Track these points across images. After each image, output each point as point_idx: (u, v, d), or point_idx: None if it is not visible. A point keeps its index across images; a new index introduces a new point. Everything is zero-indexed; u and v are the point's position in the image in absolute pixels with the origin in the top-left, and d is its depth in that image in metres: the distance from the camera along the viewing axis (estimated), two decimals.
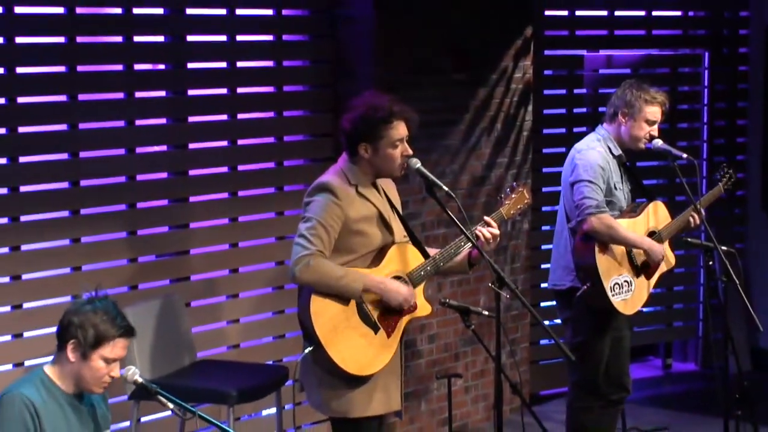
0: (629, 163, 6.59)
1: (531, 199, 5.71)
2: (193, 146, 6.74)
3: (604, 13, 8.82)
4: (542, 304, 8.45)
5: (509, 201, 5.57)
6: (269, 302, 7.10)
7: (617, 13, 8.87)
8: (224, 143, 6.89)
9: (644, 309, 6.62)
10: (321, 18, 7.27)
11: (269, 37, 7.08)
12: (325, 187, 5.19)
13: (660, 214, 6.57)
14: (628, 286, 6.38)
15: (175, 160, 6.67)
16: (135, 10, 6.42)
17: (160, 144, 6.62)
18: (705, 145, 9.39)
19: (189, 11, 6.67)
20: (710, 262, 6.35)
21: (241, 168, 6.95)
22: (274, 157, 7.12)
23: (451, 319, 7.66)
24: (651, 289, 6.54)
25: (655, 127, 6.42)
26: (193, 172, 6.75)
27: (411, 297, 5.22)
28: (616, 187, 6.40)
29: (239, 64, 6.92)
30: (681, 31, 9.23)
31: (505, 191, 5.66)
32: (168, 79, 6.63)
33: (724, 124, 9.46)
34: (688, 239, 6.52)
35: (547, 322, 5.60)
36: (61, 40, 6.18)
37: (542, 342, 8.51)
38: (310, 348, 5.14)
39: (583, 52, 8.77)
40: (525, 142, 8.19)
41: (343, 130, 5.26)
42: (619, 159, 6.45)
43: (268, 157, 7.10)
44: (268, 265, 7.07)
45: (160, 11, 6.57)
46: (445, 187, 5.17)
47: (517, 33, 8.06)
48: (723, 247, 6.29)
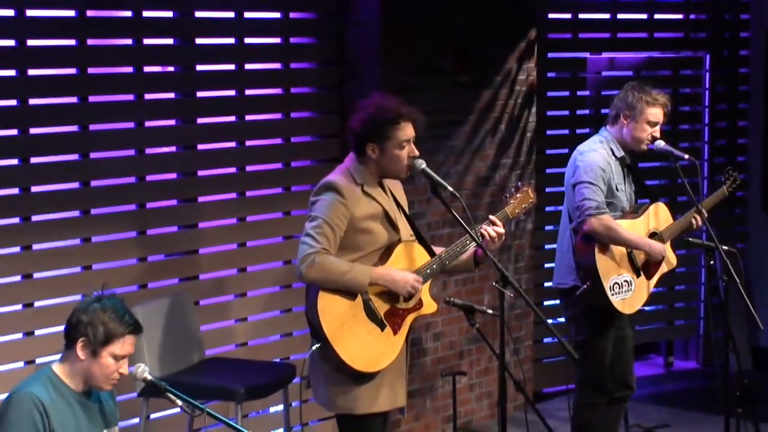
0: (632, 164, 6.58)
1: (536, 199, 5.70)
2: (201, 147, 6.74)
3: (607, 16, 8.82)
4: (545, 303, 8.45)
5: (514, 200, 5.57)
6: (277, 301, 7.09)
7: (620, 16, 8.86)
8: (232, 144, 6.89)
9: (646, 308, 6.61)
10: (327, 21, 7.26)
11: (276, 40, 7.08)
12: (330, 187, 5.19)
13: (661, 215, 6.55)
14: (628, 286, 6.37)
15: (184, 161, 6.67)
16: (145, 13, 6.42)
17: (169, 145, 6.62)
18: (706, 146, 9.38)
19: (198, 14, 6.66)
20: (711, 262, 6.34)
21: (249, 168, 6.94)
22: (281, 158, 7.12)
23: (456, 318, 7.65)
24: (651, 289, 6.53)
25: (657, 128, 6.41)
26: (201, 173, 6.74)
27: (417, 283, 5.21)
28: (617, 189, 6.39)
29: (247, 67, 6.92)
30: (682, 33, 9.22)
31: (510, 191, 5.65)
32: (177, 81, 6.63)
33: (724, 126, 9.46)
34: (690, 239, 6.50)
35: (550, 321, 5.57)
36: (72, 42, 6.17)
37: (546, 340, 8.51)
38: (318, 345, 5.14)
39: (586, 55, 8.76)
40: (528, 143, 8.18)
41: (352, 131, 5.26)
42: (622, 160, 6.43)
43: (275, 158, 7.10)
44: (276, 264, 7.06)
45: (170, 14, 6.56)
46: (450, 188, 5.17)
47: (520, 36, 8.06)
48: (724, 247, 6.28)
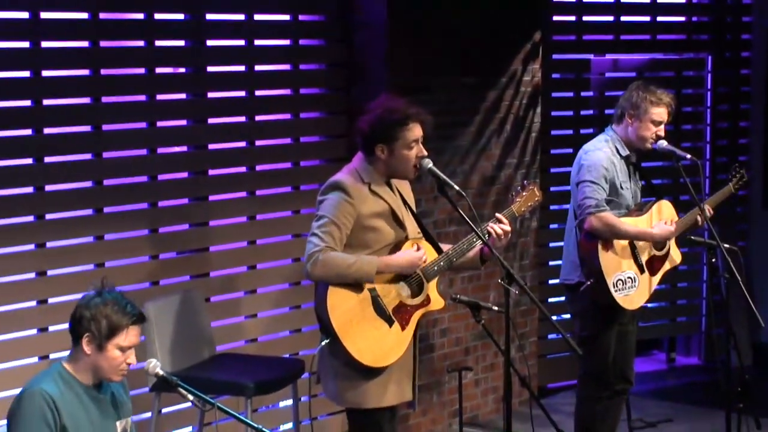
0: (638, 163, 6.56)
1: (542, 197, 5.69)
2: (212, 147, 6.74)
3: (611, 19, 8.80)
4: (550, 300, 8.44)
5: (520, 198, 5.56)
6: (286, 297, 7.09)
7: (623, 19, 8.85)
8: (243, 144, 6.88)
9: (649, 305, 6.60)
10: (335, 24, 7.26)
11: (286, 42, 7.07)
12: (337, 186, 5.18)
13: (665, 212, 6.54)
14: (632, 282, 6.35)
15: (195, 161, 6.67)
16: (156, 16, 6.42)
17: (180, 145, 6.62)
18: (708, 146, 9.37)
19: (209, 16, 6.66)
20: (713, 260, 6.33)
21: (258, 168, 6.94)
22: (290, 158, 7.11)
23: (462, 315, 7.64)
24: (656, 286, 6.51)
25: (662, 127, 6.39)
26: (212, 172, 6.74)
27: (419, 258, 5.20)
28: (622, 187, 6.38)
29: (257, 68, 6.91)
30: (685, 35, 9.21)
31: (516, 189, 5.65)
32: (188, 82, 6.63)
33: (726, 126, 9.44)
34: (692, 237, 6.50)
35: (554, 318, 5.59)
36: (85, 44, 6.17)
37: (550, 336, 8.50)
38: (327, 340, 5.14)
39: (590, 56, 8.75)
40: (533, 143, 8.17)
41: (360, 132, 5.25)
42: (627, 159, 6.43)
43: (284, 158, 7.09)
44: (285, 261, 7.06)
45: (181, 16, 6.56)
46: (456, 187, 5.16)
47: (526, 38, 8.05)
48: (726, 245, 6.27)
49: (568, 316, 8.11)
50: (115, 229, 6.31)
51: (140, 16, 6.38)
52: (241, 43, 6.84)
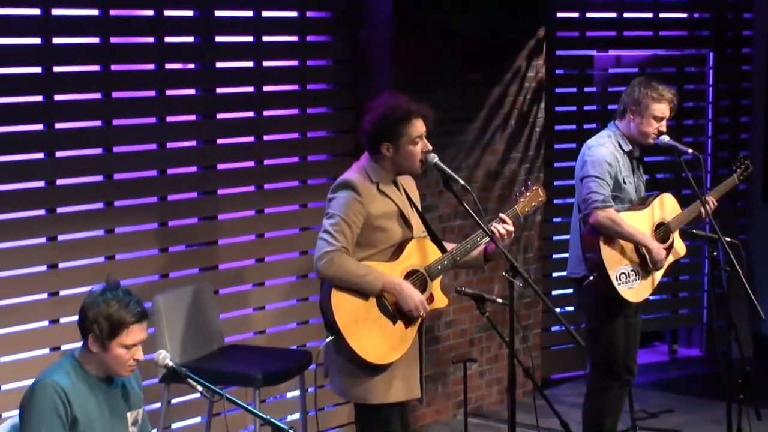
0: (641, 157, 6.55)
1: (545, 197, 5.66)
2: (221, 142, 6.73)
3: (614, 15, 8.79)
4: (554, 293, 8.44)
5: (524, 199, 5.53)
6: (294, 290, 7.09)
7: (626, 15, 8.83)
8: (251, 139, 6.87)
9: (651, 297, 6.58)
10: (342, 21, 7.24)
11: (294, 38, 7.06)
12: (347, 185, 5.16)
13: (667, 205, 6.52)
14: (636, 275, 6.34)
15: (204, 155, 6.66)
16: (166, 12, 6.42)
17: (190, 139, 6.61)
18: (709, 141, 9.36)
19: (218, 13, 6.65)
20: (714, 253, 6.31)
21: (266, 162, 6.94)
22: (298, 152, 7.11)
23: (467, 307, 7.64)
24: (660, 278, 6.50)
25: (664, 123, 6.37)
26: (221, 167, 6.73)
27: (422, 306, 5.16)
28: (625, 182, 6.36)
29: (265, 64, 6.90)
30: (687, 32, 9.19)
31: (520, 189, 5.61)
32: (197, 78, 6.62)
33: (727, 121, 9.43)
34: (694, 231, 6.48)
35: (558, 310, 5.56)
36: (96, 40, 6.17)
37: (554, 328, 8.49)
38: (331, 337, 5.13)
39: (593, 52, 8.73)
40: (537, 138, 8.16)
41: (365, 132, 5.22)
42: (630, 154, 6.41)
43: (292, 152, 7.08)
44: (293, 254, 7.06)
45: (190, 13, 6.56)
46: (462, 181, 5.14)
47: (530, 34, 8.03)
48: (727, 239, 6.25)
49: (571, 309, 8.12)
50: (125, 223, 6.31)
51: (150, 13, 6.37)
52: (250, 39, 6.83)
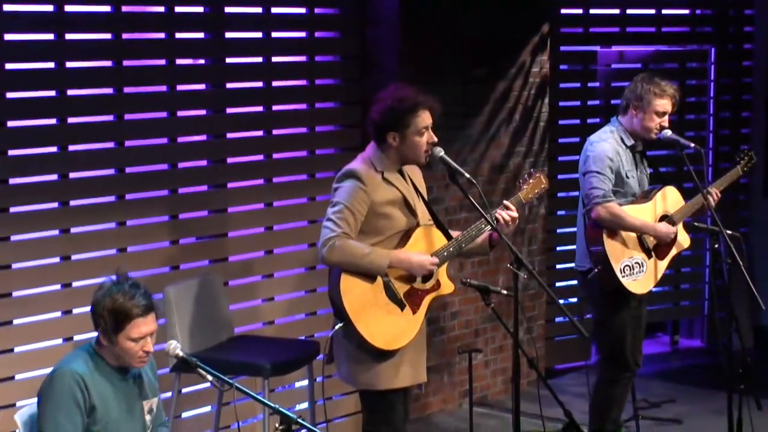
0: (642, 152, 6.54)
1: (548, 184, 5.67)
2: (230, 136, 6.73)
3: (617, 12, 8.77)
4: (558, 284, 8.43)
5: (527, 186, 5.54)
6: (302, 281, 7.08)
7: (629, 11, 8.82)
8: (260, 133, 6.87)
9: (653, 289, 6.57)
10: (350, 17, 7.23)
11: (302, 34, 7.05)
12: (352, 174, 5.17)
13: (670, 198, 6.51)
14: (640, 268, 6.33)
15: (214, 149, 6.66)
16: (177, 9, 6.41)
17: (200, 134, 6.60)
18: (711, 135, 9.35)
19: (227, 9, 6.64)
20: (716, 246, 6.30)
21: (275, 156, 6.93)
22: (306, 146, 7.10)
23: (472, 298, 7.63)
24: (664, 270, 6.48)
25: (666, 118, 6.36)
26: (230, 160, 6.73)
27: (432, 264, 5.17)
28: (627, 176, 6.35)
29: (274, 59, 6.89)
30: (689, 28, 9.17)
31: (523, 177, 5.62)
32: (207, 73, 6.61)
33: (728, 116, 9.42)
34: (695, 223, 6.47)
35: (561, 301, 5.57)
36: (108, 36, 6.16)
37: (557, 319, 8.48)
38: (341, 324, 5.13)
39: (597, 48, 8.72)
40: (542, 132, 8.16)
41: (372, 121, 5.23)
42: (633, 148, 6.40)
43: (300, 146, 7.08)
44: (301, 246, 7.05)
45: (200, 9, 6.55)
46: (467, 175, 5.15)
47: (534, 30, 8.02)
48: (728, 231, 6.23)
49: (575, 300, 8.13)
50: (136, 216, 6.31)
51: (161, 9, 6.36)
52: (259, 35, 6.82)
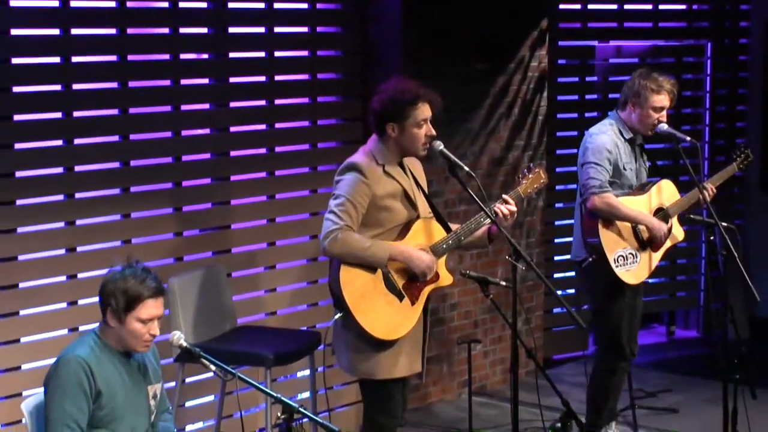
0: (641, 145, 6.53)
1: (547, 179, 5.66)
2: (234, 129, 6.73)
3: (614, 7, 8.77)
4: (556, 276, 8.43)
5: (526, 180, 5.53)
6: (304, 273, 7.09)
7: (626, 7, 8.82)
8: (263, 127, 6.87)
9: (650, 280, 6.57)
10: (352, 12, 7.23)
11: (304, 29, 7.05)
12: (353, 167, 5.17)
13: (666, 191, 6.51)
14: (633, 258, 6.34)
15: (218, 143, 6.66)
16: (181, 4, 6.41)
17: (203, 127, 6.61)
18: (707, 129, 9.34)
19: (231, 5, 6.65)
20: (711, 237, 6.29)
21: (278, 149, 6.93)
22: (308, 140, 7.10)
23: (472, 289, 7.64)
24: (658, 262, 6.49)
25: (663, 113, 6.36)
26: (234, 153, 6.73)
27: (433, 265, 5.19)
28: (625, 168, 6.36)
29: (277, 54, 6.90)
30: (685, 23, 9.17)
31: (522, 171, 5.62)
32: (211, 68, 6.61)
33: (725, 110, 9.41)
34: (691, 216, 6.47)
35: (559, 292, 5.55)
36: (113, 31, 6.16)
37: (555, 310, 8.48)
38: (340, 314, 5.13)
39: (595, 43, 8.72)
40: (540, 126, 8.16)
41: (373, 111, 5.23)
42: (632, 141, 6.41)
43: (303, 140, 7.08)
44: (303, 238, 7.06)
45: (204, 5, 6.55)
46: (466, 168, 5.14)
47: (533, 25, 8.02)
48: (723, 224, 6.23)
49: (572, 291, 8.13)
50: (141, 208, 6.31)
51: (165, 5, 6.36)
52: (262, 30, 6.82)
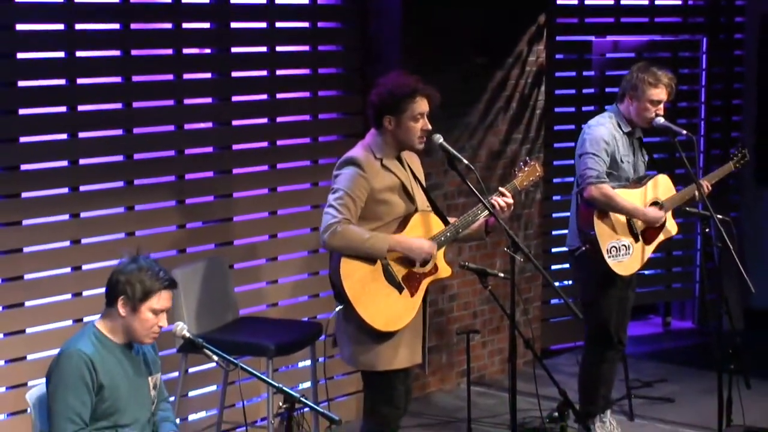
0: (640, 138, 6.53)
1: (542, 172, 5.66)
2: (236, 123, 6.73)
3: (611, 2, 8.76)
4: (553, 267, 8.43)
5: (522, 173, 5.54)
6: (305, 265, 7.09)
7: (623, 2, 8.81)
8: (264, 120, 6.87)
9: (645, 272, 6.58)
10: (352, 7, 7.22)
11: (306, 24, 7.04)
12: (352, 161, 5.17)
13: (662, 185, 6.51)
14: (626, 250, 6.34)
15: (220, 136, 6.66)
16: (183, 0, 6.40)
17: (206, 121, 6.61)
18: (703, 123, 9.33)
19: (233, 0, 6.64)
20: (707, 229, 6.30)
21: (279, 143, 6.93)
22: (309, 134, 7.10)
23: (470, 281, 7.64)
24: (650, 254, 6.49)
25: (661, 106, 6.36)
26: (236, 147, 6.73)
27: (432, 250, 5.18)
28: (622, 161, 6.36)
29: (278, 49, 6.88)
30: (681, 18, 9.16)
31: (519, 165, 5.63)
32: (213, 62, 6.61)
33: (720, 104, 9.40)
34: (687, 208, 6.48)
35: (557, 284, 5.55)
36: (117, 26, 6.16)
37: (552, 301, 8.48)
38: (341, 307, 5.14)
39: (592, 38, 8.71)
40: (538, 120, 8.15)
41: (371, 104, 5.24)
42: (631, 135, 6.41)
43: (304, 133, 7.08)
44: (304, 231, 7.06)
45: (206, 0, 6.54)
46: (465, 161, 5.15)
47: (531, 20, 8.01)
48: (719, 216, 6.24)
49: (569, 282, 8.13)
50: (144, 201, 6.31)
51: (168, 0, 6.36)
52: (263, 25, 6.81)
